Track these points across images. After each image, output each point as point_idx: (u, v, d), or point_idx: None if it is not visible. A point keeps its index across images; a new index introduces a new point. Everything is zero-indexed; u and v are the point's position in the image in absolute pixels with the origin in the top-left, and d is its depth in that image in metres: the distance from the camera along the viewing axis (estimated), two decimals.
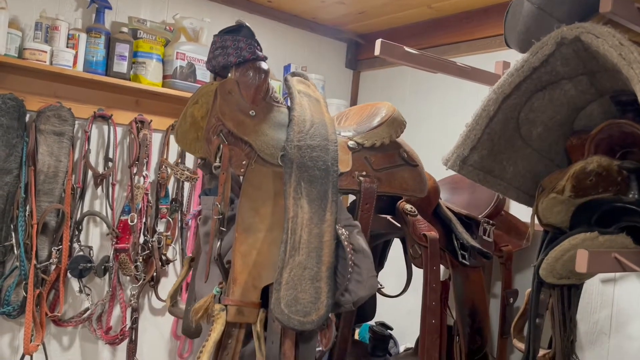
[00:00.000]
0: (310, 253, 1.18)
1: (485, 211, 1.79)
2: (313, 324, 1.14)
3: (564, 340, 1.34)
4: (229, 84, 1.27)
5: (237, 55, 1.27)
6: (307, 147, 1.25)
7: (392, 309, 2.02)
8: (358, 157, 1.37)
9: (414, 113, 2.70)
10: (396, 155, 1.44)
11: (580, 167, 1.17)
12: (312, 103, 1.39)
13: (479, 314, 1.64)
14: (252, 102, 1.28)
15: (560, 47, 1.09)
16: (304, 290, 1.15)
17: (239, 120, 1.25)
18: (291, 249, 1.17)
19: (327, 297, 1.16)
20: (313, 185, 1.22)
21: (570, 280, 1.29)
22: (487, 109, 1.18)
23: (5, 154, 1.98)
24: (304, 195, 1.21)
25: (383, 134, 1.41)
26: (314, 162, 1.24)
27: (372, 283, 1.22)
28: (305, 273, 1.16)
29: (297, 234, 1.18)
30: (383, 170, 1.40)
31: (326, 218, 1.21)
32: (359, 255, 1.21)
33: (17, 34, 2.00)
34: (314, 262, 1.17)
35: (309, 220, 1.20)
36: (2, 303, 2.01)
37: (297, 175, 1.22)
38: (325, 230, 1.20)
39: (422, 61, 1.68)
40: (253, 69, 1.29)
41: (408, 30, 2.71)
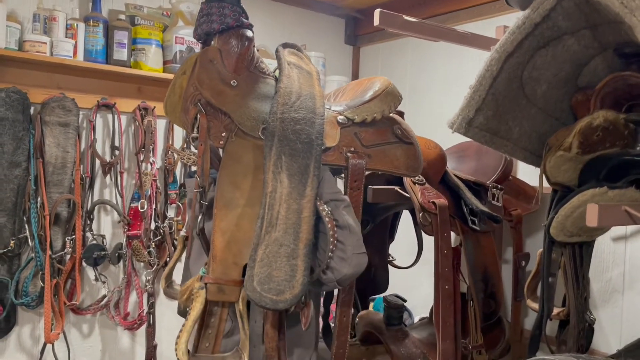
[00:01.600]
0: (288, 229, 1.12)
1: (493, 177, 1.79)
2: (286, 302, 1.08)
3: (577, 298, 1.35)
4: (210, 52, 1.21)
5: (221, 22, 1.21)
6: (290, 119, 1.20)
7: (405, 282, 2.03)
8: (347, 132, 1.30)
9: (417, 85, 2.69)
10: (389, 132, 1.37)
11: (587, 122, 1.17)
12: (303, 75, 1.33)
13: (492, 278, 1.65)
14: (234, 72, 1.22)
15: (561, 1, 1.08)
16: (279, 268, 1.10)
17: (218, 89, 1.19)
18: (268, 225, 1.12)
19: (303, 276, 1.10)
20: (294, 159, 1.17)
21: (581, 237, 1.30)
22: (490, 69, 1.17)
23: (12, 148, 2.00)
24: (284, 170, 1.16)
25: (375, 108, 1.34)
26: (296, 135, 1.19)
27: (358, 261, 1.16)
28: (281, 250, 1.11)
29: (274, 210, 1.13)
30: (373, 146, 1.33)
31: (306, 193, 1.15)
32: (343, 232, 1.16)
33: (16, 26, 2.00)
34: (291, 239, 1.12)
35: (287, 195, 1.14)
36: (20, 294, 2.05)
37: (278, 148, 1.17)
38: (304, 206, 1.14)
39: (422, 29, 1.67)
40: (236, 37, 1.22)
41: (406, 2, 2.68)
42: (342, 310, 1.31)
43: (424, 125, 2.35)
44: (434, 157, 1.62)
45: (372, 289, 1.85)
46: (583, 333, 1.36)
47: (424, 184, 1.56)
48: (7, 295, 2.02)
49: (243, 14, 1.25)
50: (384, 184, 1.59)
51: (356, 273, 1.18)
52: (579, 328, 1.35)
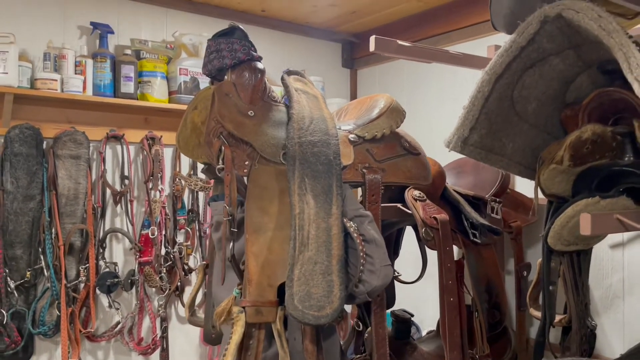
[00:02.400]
0: (320, 247, 1.17)
1: (491, 190, 1.85)
2: (328, 317, 1.13)
3: (578, 305, 1.39)
4: (226, 86, 1.27)
5: (232, 57, 1.27)
6: (308, 143, 1.25)
7: (412, 297, 2.07)
8: (360, 149, 1.37)
9: (413, 104, 2.76)
10: (397, 146, 1.45)
11: (576, 136, 1.23)
12: (310, 99, 1.39)
13: (495, 289, 1.69)
14: (250, 103, 1.27)
15: (544, 25, 1.15)
16: (316, 285, 1.15)
17: (239, 121, 1.25)
18: (300, 245, 1.17)
19: (340, 290, 1.16)
20: (317, 180, 1.23)
21: (578, 246, 1.35)
22: (482, 90, 1.24)
23: (27, 182, 2.07)
24: (308, 191, 1.21)
25: (383, 125, 1.42)
26: (316, 157, 1.25)
27: (385, 272, 1.23)
28: (316, 268, 1.16)
29: (304, 230, 1.18)
30: (386, 160, 1.41)
31: (332, 212, 1.21)
32: (370, 246, 1.22)
33: (28, 65, 2.09)
34: (324, 257, 1.17)
35: (315, 215, 1.20)
36: (37, 324, 2.10)
37: (300, 171, 1.22)
38: (332, 224, 1.20)
39: (416, 53, 1.75)
40: (249, 70, 1.28)
41: (400, 25, 2.78)
42: (377, 323, 1.37)
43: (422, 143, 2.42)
44: (433, 174, 1.67)
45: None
46: (585, 338, 1.40)
47: (425, 200, 1.62)
48: (24, 325, 2.08)
49: (252, 47, 1.31)
50: (386, 202, 1.65)
51: (384, 284, 1.24)
52: (581, 334, 1.39)
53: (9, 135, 2.05)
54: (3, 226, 2.04)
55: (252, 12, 2.71)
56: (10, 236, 2.05)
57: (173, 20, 2.53)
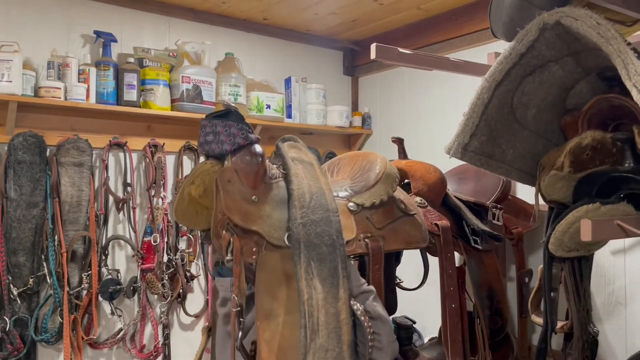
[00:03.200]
0: (330, 334, 1.19)
1: (493, 197, 1.86)
2: None
3: (579, 311, 1.39)
4: (227, 173, 1.26)
5: (231, 142, 1.26)
6: (310, 222, 1.26)
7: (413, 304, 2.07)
8: (360, 218, 1.39)
9: (414, 111, 2.78)
10: (394, 209, 1.47)
11: (576, 142, 1.24)
12: (307, 169, 1.39)
13: (497, 295, 1.69)
14: (253, 188, 1.27)
15: (543, 32, 1.17)
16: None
17: (244, 210, 1.24)
18: (311, 332, 1.18)
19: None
20: (323, 263, 1.23)
21: (579, 252, 1.35)
22: (482, 97, 1.25)
23: (30, 189, 2.08)
24: (315, 275, 1.21)
25: (381, 192, 1.43)
26: (320, 238, 1.25)
27: (393, 348, 1.26)
28: (328, 355, 1.18)
29: (314, 317, 1.19)
30: (385, 227, 1.42)
31: (340, 296, 1.22)
32: (377, 323, 1.24)
33: (32, 74, 2.11)
34: (334, 343, 1.19)
35: (323, 300, 1.20)
36: (40, 331, 2.10)
37: (306, 255, 1.23)
38: (341, 309, 1.21)
39: (417, 60, 1.76)
40: (249, 155, 1.27)
41: (401, 33, 2.80)
42: None
43: (423, 150, 2.43)
44: (434, 181, 1.69)
45: None
46: (587, 345, 1.40)
47: (426, 206, 1.63)
48: (27, 332, 2.08)
49: (250, 130, 1.30)
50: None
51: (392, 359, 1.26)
52: (582, 340, 1.39)
53: (12, 143, 2.07)
54: (6, 233, 2.05)
55: (254, 20, 2.74)
56: (13, 243, 2.06)
57: (175, 29, 2.55)
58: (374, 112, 3.05)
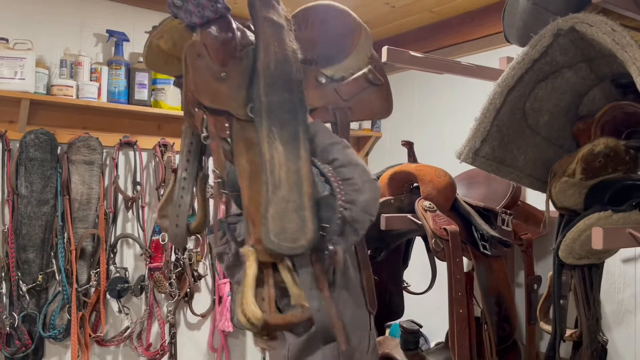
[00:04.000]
0: (291, 188, 1.21)
1: (502, 202, 1.84)
2: (303, 248, 1.17)
3: (589, 319, 1.38)
4: (197, 46, 1.24)
5: (200, 14, 1.23)
6: (273, 92, 1.26)
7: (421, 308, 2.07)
8: (329, 89, 1.40)
9: (425, 114, 2.77)
10: (362, 79, 1.45)
11: (588, 149, 1.23)
12: (275, 31, 1.35)
13: (505, 301, 1.68)
14: (221, 64, 1.26)
15: (557, 38, 1.16)
16: (290, 221, 1.19)
17: (213, 89, 1.25)
18: (273, 187, 1.21)
19: (313, 223, 1.19)
20: (284, 128, 1.25)
21: (590, 259, 1.34)
22: (494, 102, 1.24)
23: (41, 186, 2.10)
24: (277, 138, 1.24)
25: (352, 65, 1.42)
26: (281, 105, 1.26)
27: (371, 186, 1.24)
28: (289, 206, 1.20)
29: (275, 174, 1.22)
30: (352, 98, 1.43)
31: (301, 155, 1.24)
32: (347, 169, 1.25)
33: (44, 72, 2.13)
34: (296, 195, 1.21)
35: (285, 159, 1.23)
36: (48, 327, 2.12)
37: (268, 122, 1.25)
38: (301, 166, 1.23)
39: (428, 64, 1.75)
40: (219, 30, 1.25)
41: (412, 36, 2.79)
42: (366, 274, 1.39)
43: (433, 154, 2.42)
44: (444, 185, 1.68)
45: (388, 315, 1.89)
46: (596, 354, 1.39)
47: (435, 211, 1.62)
48: (35, 328, 2.09)
49: (219, 2, 1.26)
50: (395, 212, 1.65)
51: (375, 197, 1.24)
52: (591, 349, 1.38)
53: (24, 140, 2.09)
54: (16, 230, 2.07)
55: None
56: (23, 240, 2.08)
57: None
58: None
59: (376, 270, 1.82)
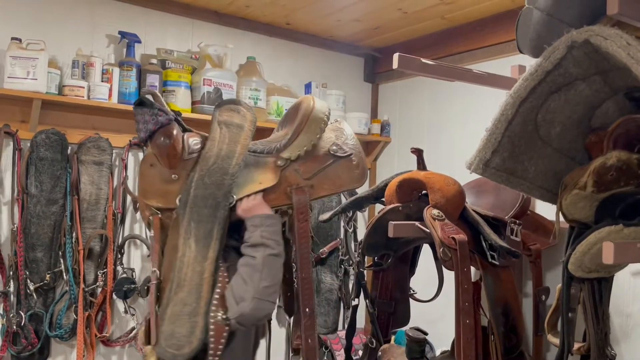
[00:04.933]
0: (191, 290, 1.24)
1: (511, 212, 1.83)
2: (184, 356, 1.21)
3: (597, 333, 1.37)
4: (149, 158, 1.37)
5: (145, 129, 1.33)
6: (202, 186, 1.31)
7: (427, 316, 2.06)
8: (289, 171, 1.41)
9: (434, 121, 2.76)
10: (326, 155, 1.45)
11: (601, 162, 1.21)
12: (231, 132, 1.41)
13: (512, 312, 1.67)
14: (170, 167, 1.34)
15: (571, 50, 1.15)
16: (181, 325, 1.22)
17: (162, 191, 1.33)
18: (176, 286, 1.24)
19: (202, 332, 1.22)
20: (200, 224, 1.28)
21: (600, 273, 1.33)
22: (506, 113, 1.23)
23: (51, 186, 2.11)
24: (192, 235, 1.27)
25: (303, 142, 1.43)
26: (204, 201, 1.30)
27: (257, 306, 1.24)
28: (184, 309, 1.23)
29: (182, 272, 1.25)
30: (315, 175, 1.43)
31: (209, 256, 1.27)
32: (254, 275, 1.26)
33: (56, 72, 2.14)
34: (193, 298, 1.23)
35: (194, 259, 1.26)
36: (54, 327, 2.13)
37: (189, 216, 1.29)
38: (206, 268, 1.26)
39: (440, 71, 1.75)
40: (162, 137, 1.33)
41: (423, 42, 2.78)
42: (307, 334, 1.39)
43: (442, 161, 2.41)
44: (452, 194, 1.67)
45: (393, 322, 1.88)
46: None
47: (444, 219, 1.61)
48: (41, 327, 2.10)
49: (160, 113, 1.33)
50: (403, 220, 1.65)
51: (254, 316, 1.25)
52: None
53: (35, 140, 2.10)
54: (25, 229, 2.08)
55: (277, 24, 2.74)
56: (32, 239, 2.09)
57: (199, 31, 2.57)
58: (393, 120, 3.03)
59: (383, 277, 1.82)
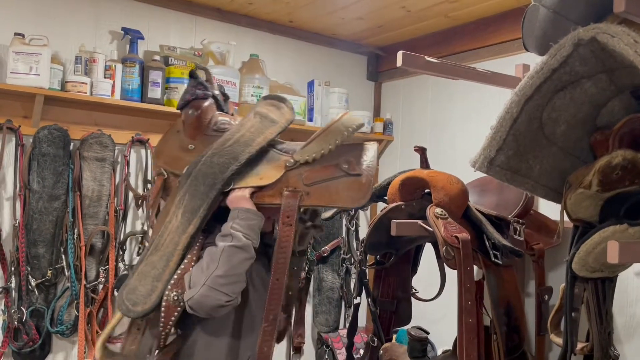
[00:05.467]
0: (163, 256, 1.28)
1: (515, 211, 1.82)
2: (137, 313, 1.26)
3: (601, 333, 1.36)
4: (178, 124, 1.47)
5: (184, 98, 1.46)
6: (209, 164, 1.34)
7: (428, 315, 2.05)
8: (294, 173, 1.41)
9: (438, 119, 2.75)
10: (335, 167, 1.43)
11: (606, 161, 1.21)
12: (262, 123, 1.45)
13: (515, 312, 1.66)
14: (191, 137, 1.44)
15: (577, 48, 1.14)
16: (144, 285, 1.26)
17: (175, 157, 1.42)
18: (154, 248, 1.30)
19: (157, 297, 1.25)
20: (193, 199, 1.32)
21: (603, 273, 1.32)
22: (511, 111, 1.22)
23: (53, 182, 2.11)
24: (182, 206, 1.32)
25: (314, 149, 1.42)
26: (204, 178, 1.33)
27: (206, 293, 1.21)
28: (152, 271, 1.27)
29: (163, 237, 1.30)
30: (315, 184, 1.41)
31: (187, 230, 1.29)
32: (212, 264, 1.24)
33: (59, 68, 2.13)
34: (162, 264, 1.28)
35: (175, 228, 1.30)
36: (55, 323, 2.12)
37: (187, 187, 1.33)
38: (181, 241, 1.29)
39: (443, 69, 1.74)
40: (192, 109, 1.44)
41: (427, 40, 2.77)
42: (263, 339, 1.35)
43: (445, 159, 2.41)
44: (456, 192, 1.66)
45: (395, 320, 1.87)
46: None
47: (447, 218, 1.60)
48: (43, 323, 2.10)
49: (199, 86, 1.46)
50: (406, 218, 1.64)
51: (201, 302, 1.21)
52: None
53: (37, 136, 2.10)
54: (27, 224, 2.08)
55: (280, 22, 2.74)
56: (33, 235, 2.08)
57: (202, 28, 2.57)
58: (396, 119, 3.03)
59: (385, 275, 1.81)
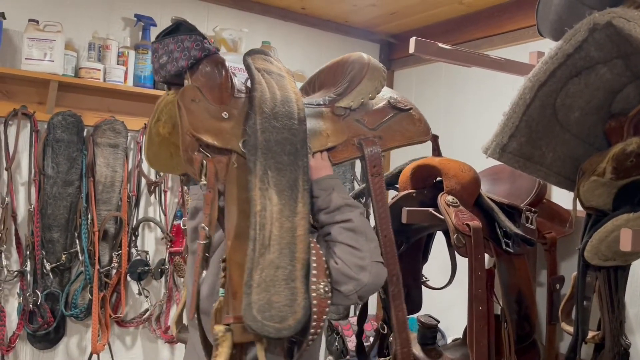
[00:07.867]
0: (283, 250, 1.02)
1: (527, 200, 1.81)
2: (290, 329, 0.98)
3: (612, 322, 1.36)
4: (189, 92, 1.10)
5: (187, 57, 1.11)
6: (272, 129, 1.10)
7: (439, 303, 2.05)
8: (349, 122, 1.27)
9: (450, 108, 2.73)
10: (386, 107, 1.33)
11: (620, 148, 1.19)
12: (275, 79, 1.23)
13: (526, 300, 1.66)
14: (221, 103, 1.12)
15: (592, 33, 1.12)
16: (278, 293, 0.99)
17: (215, 128, 1.10)
18: (260, 246, 1.02)
19: (304, 299, 1.01)
20: (281, 173, 1.07)
21: (616, 261, 1.31)
22: (524, 97, 1.21)
23: (67, 167, 2.13)
24: (271, 185, 1.06)
25: (367, 89, 1.30)
26: (281, 146, 1.10)
27: (377, 270, 1.09)
28: (278, 273, 1.01)
29: (266, 230, 1.03)
30: (379, 126, 1.30)
31: (298, 210, 1.06)
32: (359, 238, 1.10)
33: (73, 54, 2.15)
34: (287, 260, 1.02)
35: (279, 213, 1.05)
36: (70, 306, 2.16)
37: (263, 163, 1.07)
38: (297, 224, 1.05)
39: (457, 56, 1.72)
40: (210, 66, 1.13)
41: (440, 27, 2.75)
42: (395, 304, 1.24)
43: (457, 148, 2.39)
44: (467, 180, 1.65)
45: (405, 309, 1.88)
46: (618, 357, 1.36)
47: (458, 206, 1.60)
48: (57, 306, 2.14)
49: (205, 40, 1.15)
50: (417, 206, 1.63)
51: (377, 284, 1.11)
52: (614, 352, 1.35)
53: (52, 122, 2.12)
54: (42, 209, 2.11)
55: (292, 9, 2.72)
56: (48, 219, 2.12)
57: (214, 15, 2.57)
58: None
59: None
